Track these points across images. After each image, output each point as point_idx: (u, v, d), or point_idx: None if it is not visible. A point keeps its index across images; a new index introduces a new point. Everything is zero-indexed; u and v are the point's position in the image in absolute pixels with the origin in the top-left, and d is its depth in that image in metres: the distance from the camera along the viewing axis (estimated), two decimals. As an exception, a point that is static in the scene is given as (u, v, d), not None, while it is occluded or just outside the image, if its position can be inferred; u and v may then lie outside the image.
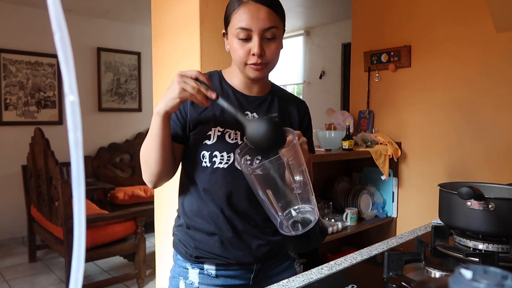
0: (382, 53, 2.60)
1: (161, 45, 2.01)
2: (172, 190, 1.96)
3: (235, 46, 0.98)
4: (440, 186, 1.09)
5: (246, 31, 0.96)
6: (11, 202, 4.00)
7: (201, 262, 1.06)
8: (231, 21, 0.99)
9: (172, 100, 0.89)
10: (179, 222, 1.11)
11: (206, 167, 1.01)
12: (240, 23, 0.96)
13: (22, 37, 4.09)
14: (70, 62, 0.23)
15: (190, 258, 1.06)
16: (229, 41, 1.02)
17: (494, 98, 2.18)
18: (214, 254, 1.04)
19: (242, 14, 0.96)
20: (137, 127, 4.92)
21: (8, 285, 3.12)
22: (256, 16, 0.95)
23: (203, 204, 1.04)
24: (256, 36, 0.96)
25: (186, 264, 1.07)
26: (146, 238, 3.18)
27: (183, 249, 1.07)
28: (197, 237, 1.05)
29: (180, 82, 0.87)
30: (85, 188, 0.26)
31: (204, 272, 1.06)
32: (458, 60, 2.31)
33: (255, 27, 0.95)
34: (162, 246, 2.07)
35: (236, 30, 0.96)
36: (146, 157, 0.98)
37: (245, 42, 0.97)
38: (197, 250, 1.05)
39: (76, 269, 0.25)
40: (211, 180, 1.02)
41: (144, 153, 0.99)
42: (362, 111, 2.77)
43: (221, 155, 1.00)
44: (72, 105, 0.23)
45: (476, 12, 2.22)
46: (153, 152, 0.96)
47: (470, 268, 0.36)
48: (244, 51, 0.97)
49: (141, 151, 1.00)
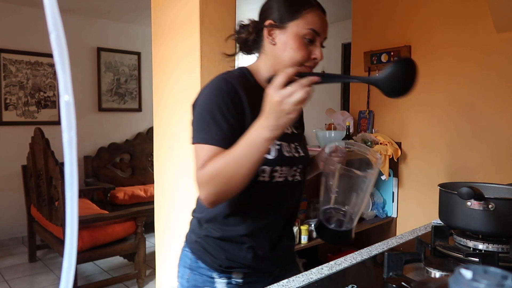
0: (382, 53, 2.60)
1: (161, 45, 2.01)
2: (172, 190, 1.96)
3: (298, 45, 0.95)
4: (440, 186, 1.09)
5: (315, 34, 0.97)
6: (11, 202, 4.00)
7: (230, 272, 1.03)
8: (299, 19, 0.95)
9: (290, 121, 0.79)
10: (205, 231, 1.04)
11: (264, 181, 0.97)
12: (314, 25, 0.96)
13: (22, 37, 4.09)
14: (65, 62, 0.22)
15: (219, 268, 1.02)
16: (284, 37, 0.97)
17: (494, 98, 2.18)
18: (245, 265, 1.02)
19: (316, 17, 0.97)
20: (137, 127, 4.92)
21: (8, 285, 3.12)
22: (325, 23, 0.99)
23: (245, 215, 1.01)
24: (319, 42, 0.98)
25: (212, 273, 1.03)
26: (146, 238, 3.17)
27: (209, 258, 1.03)
28: (228, 247, 1.02)
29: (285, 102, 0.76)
30: (77, 189, 0.25)
31: (232, 282, 1.03)
32: (458, 60, 2.31)
33: (323, 34, 0.99)
34: (162, 246, 2.07)
35: (307, 30, 0.95)
36: (229, 178, 0.85)
37: (309, 44, 0.97)
38: (228, 261, 1.02)
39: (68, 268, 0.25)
40: (265, 194, 1.00)
41: (226, 175, 0.85)
42: (362, 111, 2.77)
43: (281, 169, 0.98)
44: (66, 105, 0.23)
45: (476, 12, 2.22)
46: (242, 176, 0.84)
47: (470, 268, 0.36)
48: (306, 53, 0.96)
49: (218, 171, 0.85)
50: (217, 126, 0.91)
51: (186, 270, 1.07)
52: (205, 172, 0.87)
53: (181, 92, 1.87)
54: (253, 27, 1.03)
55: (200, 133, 0.93)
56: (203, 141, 0.91)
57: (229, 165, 0.84)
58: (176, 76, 1.90)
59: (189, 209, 1.83)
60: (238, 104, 0.94)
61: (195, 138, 0.94)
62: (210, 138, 0.91)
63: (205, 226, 1.04)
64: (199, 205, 1.09)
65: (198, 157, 0.91)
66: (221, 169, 0.85)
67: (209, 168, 0.86)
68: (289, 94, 0.76)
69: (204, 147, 0.91)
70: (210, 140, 0.90)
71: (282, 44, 0.97)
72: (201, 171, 0.88)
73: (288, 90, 0.77)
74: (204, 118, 0.93)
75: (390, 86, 0.83)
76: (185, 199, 1.87)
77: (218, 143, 0.90)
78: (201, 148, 0.91)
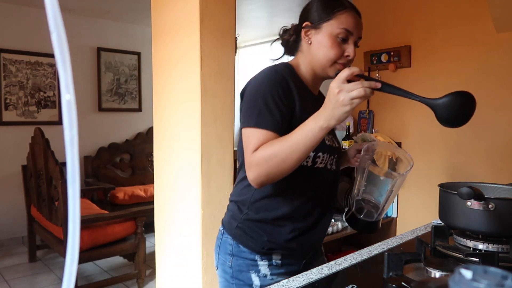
0: (382, 53, 2.60)
1: (161, 45, 2.01)
2: (172, 190, 1.96)
3: (331, 44, 1.04)
4: (440, 186, 1.09)
5: (348, 33, 1.04)
6: (11, 202, 4.00)
7: (270, 253, 1.09)
8: (333, 19, 1.04)
9: (346, 113, 0.85)
10: (246, 215, 1.10)
11: (306, 166, 1.03)
12: (347, 25, 1.04)
13: (22, 37, 4.09)
14: (66, 61, 0.23)
15: (261, 250, 1.08)
16: (319, 37, 1.05)
17: (494, 98, 2.18)
18: (284, 247, 1.08)
19: (349, 17, 1.04)
20: (137, 127, 4.92)
21: (8, 285, 3.12)
22: (358, 23, 1.07)
23: (285, 198, 1.07)
24: (352, 41, 1.05)
25: (254, 256, 1.08)
26: (146, 238, 3.17)
27: (251, 242, 1.08)
28: (269, 229, 1.07)
29: (343, 94, 0.83)
30: (79, 186, 0.26)
31: (273, 264, 1.09)
32: (458, 60, 2.31)
33: (356, 33, 1.06)
34: (162, 246, 2.07)
35: (340, 29, 1.03)
36: (281, 162, 0.91)
37: (342, 43, 1.04)
38: (269, 243, 1.07)
39: (70, 264, 0.25)
40: (306, 178, 1.06)
41: (279, 158, 0.91)
42: (362, 111, 2.77)
43: (323, 155, 1.05)
44: (68, 103, 0.23)
45: (476, 12, 2.22)
46: (294, 160, 0.91)
47: (470, 268, 0.36)
48: (339, 51, 1.04)
49: (272, 154, 0.92)
50: (269, 112, 0.97)
51: (228, 256, 1.12)
52: (258, 154, 0.94)
53: (181, 92, 1.87)
54: (294, 30, 1.14)
55: (252, 118, 0.98)
56: (256, 125, 0.97)
57: (283, 150, 0.91)
58: (176, 76, 1.90)
59: (189, 209, 1.84)
60: (289, 93, 1.02)
61: (247, 122, 0.99)
62: (263, 123, 0.97)
63: (245, 211, 1.10)
64: (239, 189, 1.13)
65: (250, 140, 0.97)
66: (275, 153, 0.91)
67: (263, 151, 0.93)
68: (349, 88, 0.83)
69: (257, 131, 0.97)
70: (263, 125, 0.97)
71: (317, 43, 1.06)
72: (254, 153, 0.95)
73: (349, 84, 0.84)
74: (257, 104, 0.99)
75: (445, 113, 0.90)
76: (185, 199, 1.87)
77: (270, 128, 0.96)
78: (253, 132, 0.97)
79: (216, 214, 1.82)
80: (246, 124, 0.99)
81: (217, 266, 1.16)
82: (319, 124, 0.87)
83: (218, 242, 1.17)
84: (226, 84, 1.84)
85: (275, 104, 0.98)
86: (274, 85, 1.00)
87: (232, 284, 1.11)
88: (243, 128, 1.01)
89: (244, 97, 1.06)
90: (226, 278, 1.12)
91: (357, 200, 1.10)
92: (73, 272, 0.26)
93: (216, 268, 1.17)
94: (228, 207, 1.18)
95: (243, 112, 1.03)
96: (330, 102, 0.86)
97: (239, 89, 1.15)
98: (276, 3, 3.99)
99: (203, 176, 1.77)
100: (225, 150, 1.86)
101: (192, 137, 1.79)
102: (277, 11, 4.23)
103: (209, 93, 1.78)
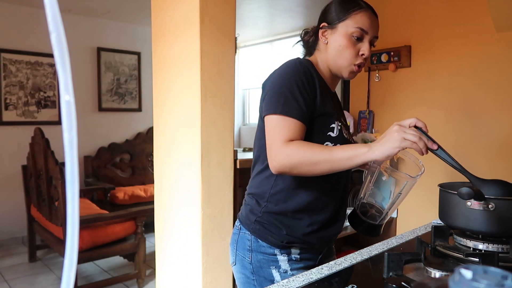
0: (382, 53, 2.60)
1: (161, 45, 2.01)
2: (172, 190, 1.96)
3: (346, 43, 1.07)
4: (440, 186, 1.09)
5: (363, 32, 1.06)
6: (11, 202, 4.00)
7: (290, 247, 1.09)
8: (349, 19, 1.06)
9: (392, 149, 0.90)
10: (265, 208, 1.10)
11: None
12: (362, 24, 1.06)
13: (22, 37, 4.09)
14: (66, 61, 0.23)
15: (280, 244, 1.08)
16: (335, 36, 1.08)
17: (494, 98, 2.18)
18: (303, 240, 1.09)
19: (364, 17, 1.06)
20: (137, 127, 4.92)
21: (8, 285, 3.12)
22: (374, 23, 1.09)
23: (305, 191, 1.08)
24: (367, 40, 1.08)
25: (274, 250, 1.09)
26: (146, 238, 3.17)
27: (271, 235, 1.09)
28: (288, 222, 1.08)
29: (400, 131, 0.89)
30: (78, 188, 0.26)
31: (293, 258, 1.10)
32: (458, 60, 2.31)
33: (371, 32, 1.08)
34: (162, 246, 2.07)
35: (355, 28, 1.06)
36: (312, 165, 0.95)
37: (357, 41, 1.07)
38: (288, 236, 1.08)
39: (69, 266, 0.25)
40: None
41: (312, 161, 0.94)
42: (362, 111, 2.77)
43: None
44: (67, 104, 0.23)
45: (476, 11, 2.22)
46: (325, 170, 0.95)
47: (470, 268, 0.36)
48: (355, 50, 1.07)
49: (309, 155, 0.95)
50: (295, 100, 0.99)
51: (246, 252, 1.12)
52: (293, 147, 0.95)
53: (181, 92, 1.87)
54: (313, 31, 1.17)
55: (278, 106, 0.99)
56: (282, 113, 0.98)
57: (321, 157, 0.94)
58: (176, 76, 1.90)
59: (189, 209, 1.84)
60: (312, 84, 1.04)
61: (272, 109, 1.00)
62: (290, 111, 0.98)
63: (263, 204, 1.10)
64: (257, 182, 1.13)
65: (279, 129, 0.98)
66: (312, 156, 0.94)
67: (302, 148, 0.95)
68: (406, 130, 0.89)
69: (284, 119, 0.98)
70: (290, 113, 0.98)
71: (333, 42, 1.09)
72: (287, 144, 0.96)
73: (410, 129, 0.90)
74: (283, 92, 1.00)
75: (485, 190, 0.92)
76: (185, 199, 1.87)
77: (297, 117, 0.98)
78: (281, 120, 0.98)
79: (216, 214, 1.82)
80: (272, 111, 1.00)
81: (235, 262, 1.16)
82: (365, 149, 0.91)
83: (235, 237, 1.16)
84: (226, 84, 1.84)
85: (300, 93, 1.00)
86: (299, 75, 1.02)
87: (252, 280, 1.11)
88: (268, 115, 1.01)
89: (266, 86, 1.07)
90: (246, 274, 1.12)
91: (363, 203, 1.11)
92: (71, 275, 0.26)
93: (234, 264, 1.17)
94: (245, 201, 1.18)
95: (266, 100, 1.04)
96: (384, 136, 0.91)
97: (239, 89, 1.15)
98: (276, 3, 3.99)
99: (203, 176, 1.77)
100: (225, 150, 1.86)
101: (192, 137, 1.79)
102: (277, 11, 4.23)
103: (209, 93, 1.78)
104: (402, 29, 2.54)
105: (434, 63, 2.41)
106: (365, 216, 1.10)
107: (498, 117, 2.17)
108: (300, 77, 1.02)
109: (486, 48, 2.20)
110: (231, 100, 1.87)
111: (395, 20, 2.57)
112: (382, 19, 2.62)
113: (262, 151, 1.10)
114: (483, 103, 2.23)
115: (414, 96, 2.49)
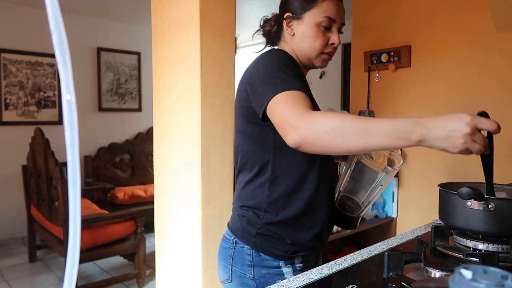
0: (382, 53, 2.60)
1: (161, 45, 2.01)
2: (172, 190, 1.96)
3: (315, 33, 1.02)
4: (440, 186, 1.09)
5: (331, 21, 1.02)
6: (11, 202, 4.00)
7: (293, 257, 1.05)
8: (315, 8, 1.02)
9: (449, 149, 0.73)
10: (265, 219, 1.03)
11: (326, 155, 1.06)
12: (329, 13, 1.02)
13: (22, 37, 4.09)
14: (67, 61, 0.23)
15: (285, 255, 1.02)
16: (302, 27, 1.04)
17: (494, 98, 2.18)
18: (306, 246, 1.06)
19: (330, 5, 1.02)
20: (137, 127, 4.92)
21: (8, 285, 3.11)
22: (341, 10, 1.04)
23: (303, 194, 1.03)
24: (336, 28, 1.04)
25: (278, 263, 1.03)
26: (146, 238, 3.17)
27: (274, 247, 1.02)
28: (290, 231, 1.03)
29: (468, 138, 0.72)
30: (80, 186, 0.26)
31: (296, 268, 1.06)
32: (458, 60, 2.31)
33: (339, 20, 1.04)
34: (162, 246, 2.07)
35: (323, 18, 1.02)
36: (342, 137, 0.76)
37: (325, 31, 1.03)
38: (292, 246, 1.03)
39: (71, 264, 0.25)
40: (323, 167, 1.06)
41: (342, 132, 0.76)
42: (362, 111, 2.77)
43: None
44: (68, 104, 0.23)
45: (476, 12, 2.22)
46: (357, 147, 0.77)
47: (470, 268, 0.36)
48: (324, 40, 1.03)
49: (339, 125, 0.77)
50: (292, 77, 0.91)
51: (247, 268, 1.03)
52: (316, 117, 0.79)
53: (181, 92, 1.87)
54: (275, 20, 1.12)
55: (277, 87, 0.88)
56: (285, 89, 0.87)
57: (355, 129, 0.76)
58: (176, 76, 1.90)
59: (189, 209, 1.84)
60: (298, 70, 1.00)
61: (272, 93, 0.88)
62: (292, 85, 0.88)
63: (262, 214, 1.03)
64: (249, 192, 1.05)
65: (287, 104, 0.84)
66: (343, 125, 0.76)
67: (325, 118, 0.78)
68: (476, 139, 0.72)
69: (290, 93, 0.86)
70: (293, 87, 0.88)
71: (301, 34, 1.04)
72: (307, 113, 0.81)
73: (478, 135, 0.73)
74: (276, 75, 0.91)
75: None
76: (185, 199, 1.87)
77: (302, 90, 0.88)
78: (286, 95, 0.86)
79: (216, 214, 1.82)
80: (272, 94, 0.87)
81: (230, 279, 1.06)
82: (414, 133, 0.72)
83: (228, 252, 1.07)
84: (226, 84, 1.84)
85: (293, 73, 0.93)
86: (284, 60, 0.98)
87: None
88: (269, 101, 0.88)
89: (251, 83, 0.97)
90: None
91: (340, 195, 1.11)
92: (73, 274, 0.26)
93: (229, 281, 1.07)
94: (239, 213, 1.08)
95: (260, 92, 0.92)
96: (447, 124, 0.71)
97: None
98: (276, 3, 3.97)
99: (203, 176, 1.77)
100: (225, 150, 1.86)
101: (192, 137, 1.79)
102: (277, 11, 4.23)
103: (209, 93, 1.78)
104: (402, 29, 2.54)
105: (434, 63, 2.41)
106: (343, 209, 1.10)
107: (498, 116, 2.17)
108: (287, 61, 0.98)
109: (486, 48, 2.20)
110: (231, 100, 1.87)
111: (395, 20, 2.57)
112: (383, 19, 2.63)
113: (248, 157, 1.04)
114: (483, 102, 2.23)
115: (414, 96, 2.49)
